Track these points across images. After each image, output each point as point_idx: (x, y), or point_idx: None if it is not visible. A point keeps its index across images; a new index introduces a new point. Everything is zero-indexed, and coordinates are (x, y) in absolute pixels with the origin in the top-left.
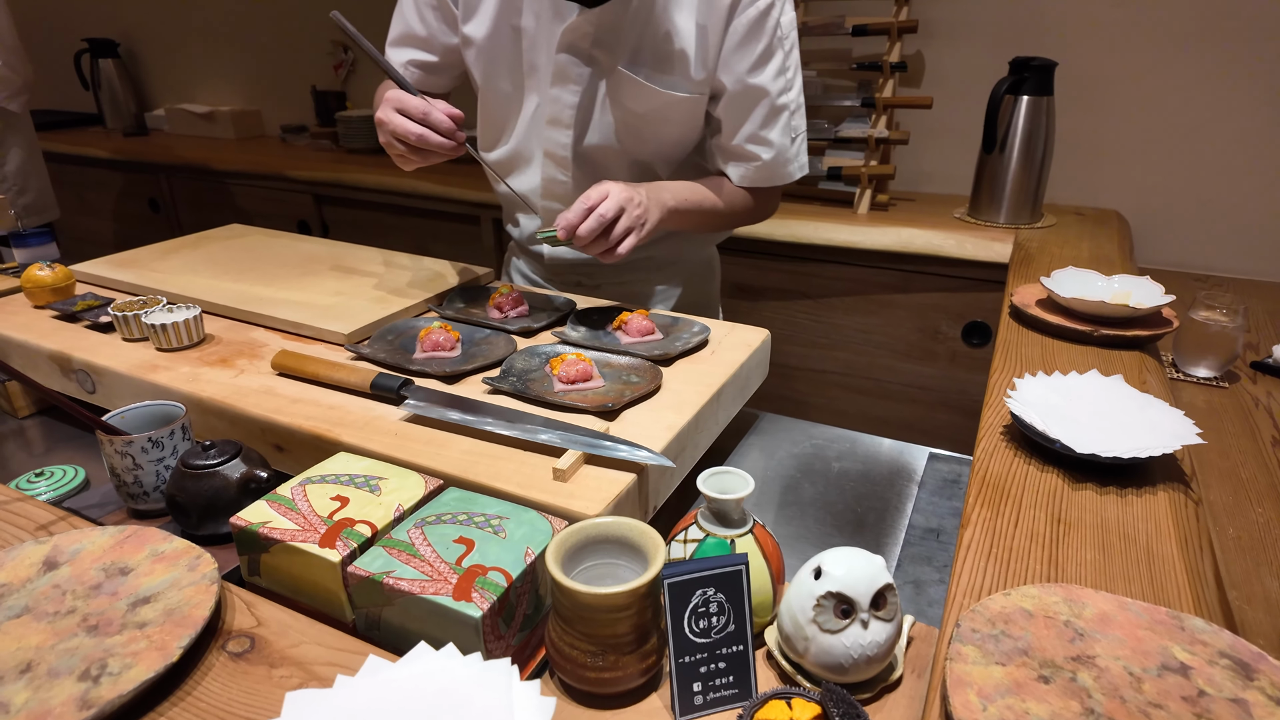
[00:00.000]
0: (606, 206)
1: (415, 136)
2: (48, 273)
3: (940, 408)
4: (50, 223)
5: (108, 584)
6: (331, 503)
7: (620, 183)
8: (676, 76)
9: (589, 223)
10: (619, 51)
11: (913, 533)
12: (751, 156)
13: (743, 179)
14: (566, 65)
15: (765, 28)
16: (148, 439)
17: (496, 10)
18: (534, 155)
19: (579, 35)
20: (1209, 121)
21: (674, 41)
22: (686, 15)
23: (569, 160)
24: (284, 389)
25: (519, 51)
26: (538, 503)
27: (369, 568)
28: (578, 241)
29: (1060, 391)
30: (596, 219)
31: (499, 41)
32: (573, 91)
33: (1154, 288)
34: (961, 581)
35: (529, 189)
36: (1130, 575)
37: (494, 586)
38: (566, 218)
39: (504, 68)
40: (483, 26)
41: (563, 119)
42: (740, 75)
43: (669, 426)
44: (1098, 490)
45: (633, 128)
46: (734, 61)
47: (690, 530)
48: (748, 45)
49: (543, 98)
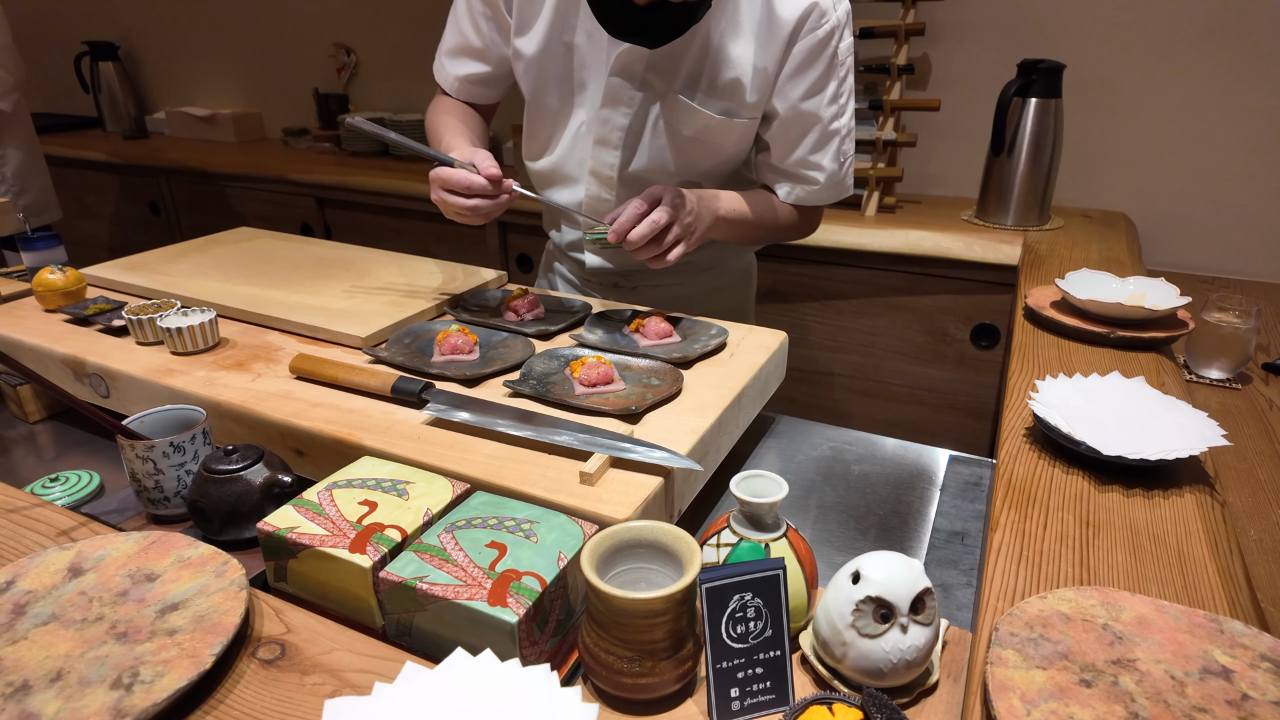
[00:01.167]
0: (660, 213)
1: (469, 209)
2: (59, 276)
3: (949, 410)
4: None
5: (134, 590)
6: (360, 507)
7: (672, 187)
8: (732, 102)
9: (641, 228)
10: (674, 76)
11: (937, 536)
12: (801, 179)
13: (788, 196)
14: (619, 88)
15: (824, 55)
16: (169, 444)
17: (549, 25)
18: (579, 171)
19: (633, 59)
20: (1217, 123)
21: (731, 68)
22: (745, 42)
23: (614, 180)
24: (303, 393)
25: (569, 68)
26: (566, 507)
27: (401, 573)
28: (627, 245)
29: (1083, 393)
30: (649, 225)
31: (549, 57)
32: (623, 114)
33: (1169, 289)
34: (994, 585)
35: (571, 203)
36: (1163, 578)
37: (529, 591)
38: (620, 221)
39: (552, 83)
40: (535, 41)
41: (611, 140)
42: (794, 101)
43: (693, 430)
44: (1124, 492)
45: (683, 150)
46: (789, 88)
47: (723, 534)
48: (805, 72)
49: (591, 116)
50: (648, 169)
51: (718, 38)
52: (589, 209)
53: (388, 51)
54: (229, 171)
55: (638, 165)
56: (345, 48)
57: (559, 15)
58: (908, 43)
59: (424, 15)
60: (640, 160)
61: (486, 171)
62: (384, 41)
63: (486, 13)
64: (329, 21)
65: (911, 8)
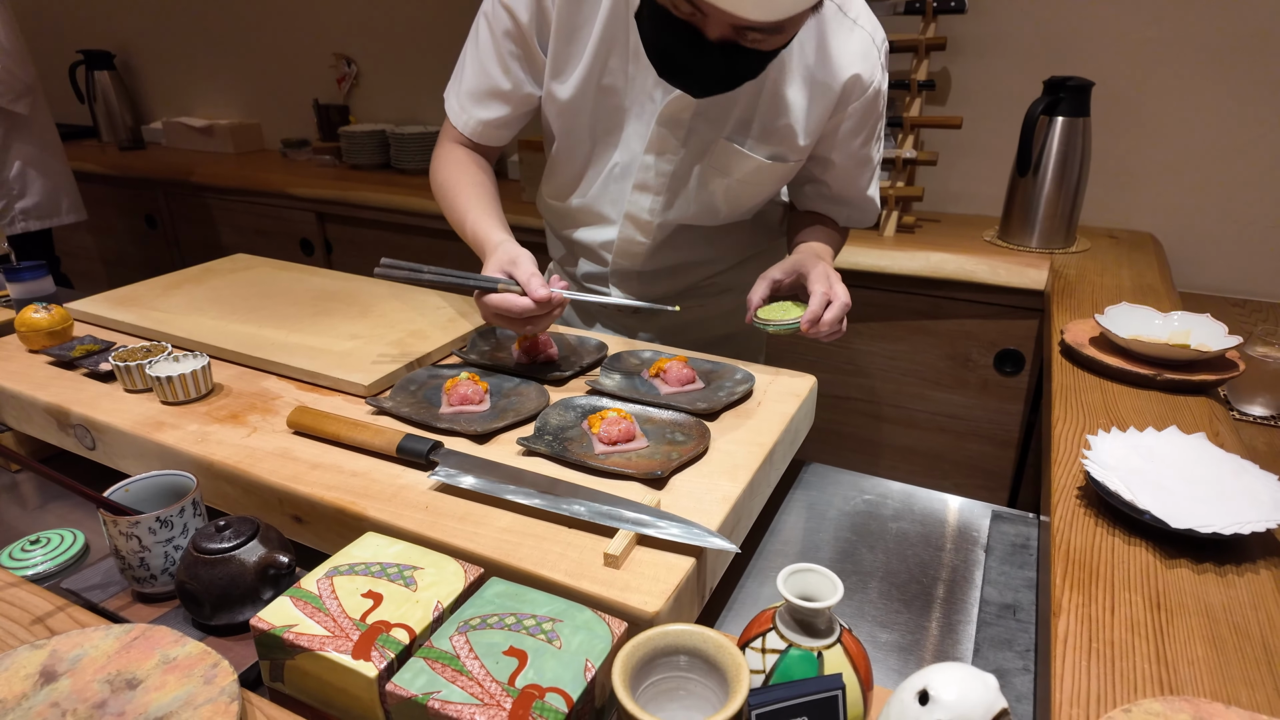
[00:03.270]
0: (844, 293)
1: (527, 331)
2: (44, 315)
3: (971, 437)
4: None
5: (113, 701)
6: (363, 600)
7: (817, 260)
8: (782, 147)
9: (834, 311)
10: (724, 122)
11: (987, 609)
12: (855, 206)
13: (847, 222)
14: (665, 136)
15: (876, 108)
16: (156, 519)
17: (588, 68)
18: (612, 212)
19: (682, 106)
20: (1247, 142)
21: (784, 114)
22: (797, 89)
23: (653, 226)
24: (301, 451)
25: (605, 111)
26: (590, 595)
27: (410, 687)
28: (815, 329)
29: (1140, 452)
30: (842, 307)
31: (586, 100)
32: (669, 160)
33: (1216, 327)
34: (1065, 687)
35: (599, 243)
36: (1252, 679)
37: (554, 713)
38: (814, 309)
39: (586, 126)
40: (571, 85)
41: (652, 186)
42: (853, 152)
43: (724, 498)
44: (1194, 568)
45: (730, 193)
46: (848, 142)
47: (769, 638)
48: (861, 127)
49: (627, 159)
50: (689, 215)
51: (770, 84)
52: (620, 251)
53: (389, 62)
54: (227, 185)
55: (679, 211)
56: (346, 58)
57: (599, 58)
58: (928, 58)
59: (426, 25)
60: (682, 206)
61: (537, 296)
62: (385, 52)
63: (518, 53)
64: (329, 31)
65: (932, 22)
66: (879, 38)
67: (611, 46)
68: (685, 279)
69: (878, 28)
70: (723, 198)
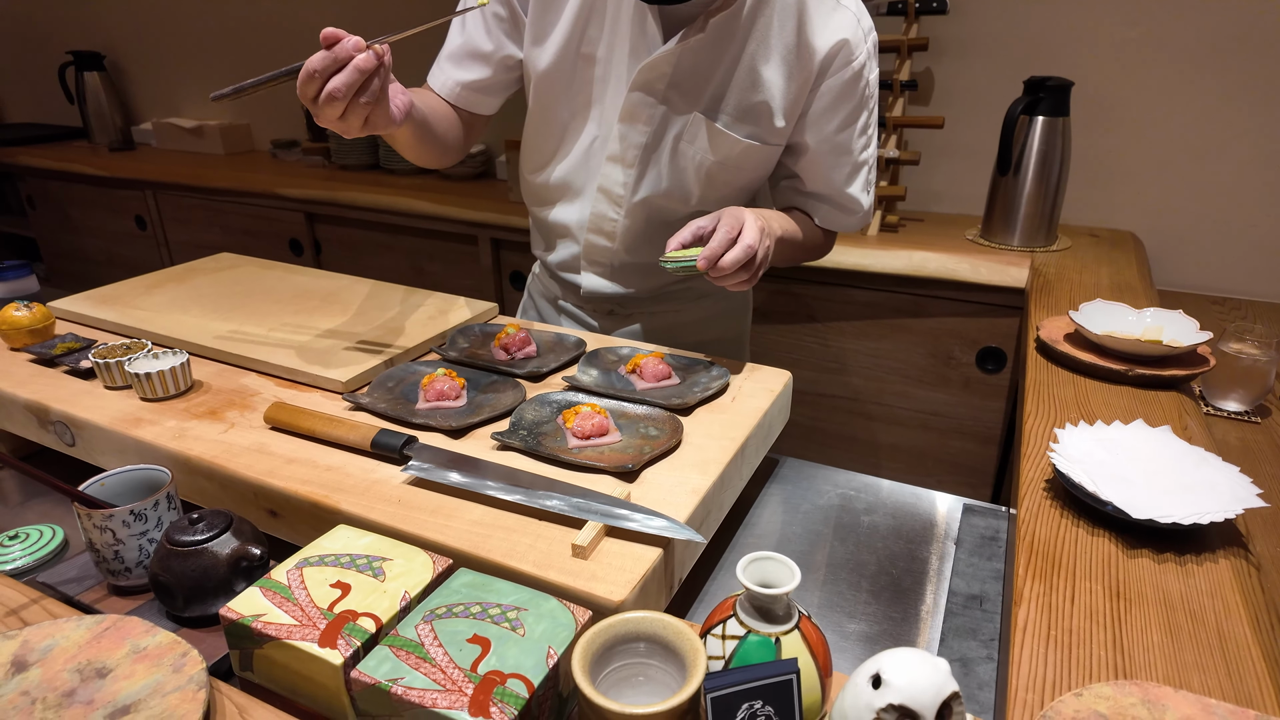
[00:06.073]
0: (751, 237)
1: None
2: (25, 313)
3: (954, 435)
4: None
5: (83, 690)
6: (332, 590)
7: (747, 209)
8: (758, 127)
9: (735, 254)
10: (699, 95)
11: (954, 600)
12: (835, 205)
13: (824, 221)
14: (638, 104)
15: (856, 90)
16: (129, 512)
17: (567, 36)
18: (584, 188)
19: (656, 75)
20: (1227, 141)
21: (760, 91)
22: (774, 67)
23: (625, 199)
24: (278, 446)
25: (585, 81)
26: (557, 585)
27: (374, 673)
28: (717, 271)
29: (1106, 445)
30: (744, 250)
31: (564, 68)
32: (641, 131)
33: (1187, 323)
34: (1022, 673)
35: (574, 221)
36: (1204, 664)
37: (514, 698)
38: (711, 247)
39: (564, 96)
40: (550, 51)
41: (626, 158)
42: (827, 135)
43: (694, 490)
44: (1155, 558)
45: (701, 174)
46: (822, 122)
47: (729, 624)
48: (837, 107)
49: (604, 131)
50: (661, 191)
51: (747, 59)
52: (593, 227)
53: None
54: (217, 186)
55: (651, 186)
56: None
57: (578, 26)
58: (910, 58)
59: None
60: (654, 181)
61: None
62: None
63: (500, 13)
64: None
65: (915, 22)
66: (865, 22)
67: (590, 15)
68: (658, 277)
69: (864, 12)
70: (695, 177)
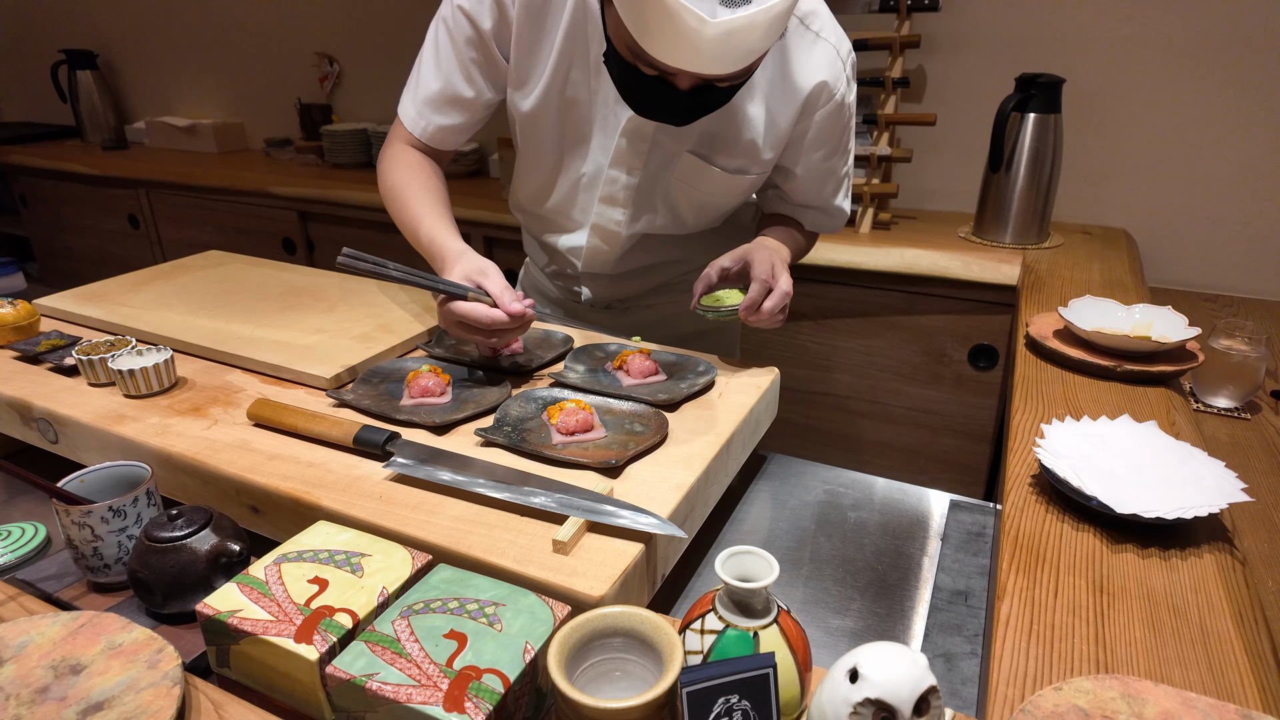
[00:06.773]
0: (786, 283)
1: (495, 346)
2: (9, 310)
3: (946, 432)
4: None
5: (56, 686)
6: (309, 586)
7: (764, 249)
8: (746, 160)
9: (774, 300)
10: (687, 136)
11: (939, 595)
12: (820, 211)
13: (811, 226)
14: (628, 149)
15: (840, 120)
16: (108, 508)
17: (550, 80)
18: (577, 221)
19: (644, 122)
20: (1219, 138)
21: (747, 129)
22: (758, 103)
23: (620, 236)
24: (260, 443)
25: (570, 122)
26: (537, 581)
27: (349, 669)
28: (756, 317)
29: (1092, 440)
30: (781, 296)
31: (548, 112)
32: (634, 174)
33: (1176, 319)
34: (1003, 667)
35: (570, 248)
36: (1186, 659)
37: (489, 694)
38: (751, 298)
39: (551, 138)
40: (533, 97)
41: (618, 199)
42: (815, 163)
43: (678, 485)
44: (1139, 553)
45: (695, 205)
46: (809, 151)
47: (708, 619)
48: (823, 139)
49: (593, 170)
50: (657, 225)
51: (734, 99)
52: (589, 257)
53: (371, 61)
54: (210, 184)
55: (647, 223)
56: (328, 57)
57: (559, 71)
58: (902, 55)
59: (407, 24)
60: (648, 214)
61: (512, 310)
62: (368, 51)
63: (480, 60)
64: (312, 30)
65: (907, 19)
66: (844, 49)
67: (572, 60)
68: (656, 277)
69: (843, 39)
70: (689, 209)
